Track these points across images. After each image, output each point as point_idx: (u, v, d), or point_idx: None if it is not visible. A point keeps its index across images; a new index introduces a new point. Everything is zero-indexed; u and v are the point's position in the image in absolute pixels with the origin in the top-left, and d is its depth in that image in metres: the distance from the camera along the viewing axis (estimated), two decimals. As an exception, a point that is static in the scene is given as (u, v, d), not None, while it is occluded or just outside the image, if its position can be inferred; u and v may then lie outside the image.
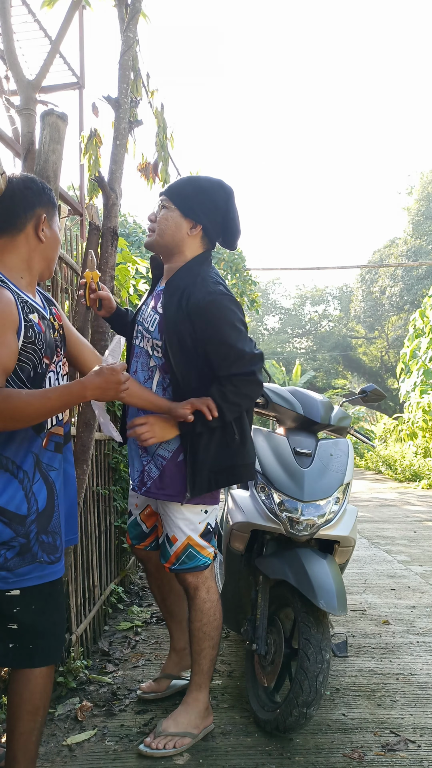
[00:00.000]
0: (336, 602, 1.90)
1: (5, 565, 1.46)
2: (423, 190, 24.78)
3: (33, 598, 1.51)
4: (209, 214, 1.91)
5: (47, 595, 1.54)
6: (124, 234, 10.81)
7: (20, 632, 1.51)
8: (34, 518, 1.50)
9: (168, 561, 1.99)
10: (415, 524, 6.27)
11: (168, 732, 1.93)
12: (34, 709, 1.54)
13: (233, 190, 1.98)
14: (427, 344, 11.94)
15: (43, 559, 1.52)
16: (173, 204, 1.91)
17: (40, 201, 1.59)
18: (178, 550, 1.97)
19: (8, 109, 2.80)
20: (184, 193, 1.91)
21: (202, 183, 1.93)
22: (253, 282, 12.64)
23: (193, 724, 1.98)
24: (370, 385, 2.85)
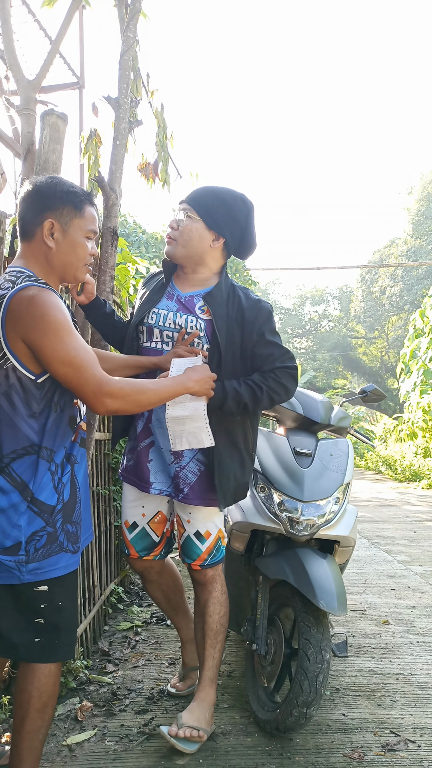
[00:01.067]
0: (336, 602, 1.91)
1: (35, 556, 1.50)
2: (423, 190, 24.78)
3: (58, 591, 1.55)
4: (231, 228, 1.98)
5: (68, 588, 1.59)
6: (124, 234, 10.81)
7: (46, 627, 1.54)
8: (61, 508, 1.56)
9: (198, 558, 2.03)
10: (415, 524, 6.27)
11: (190, 724, 1.95)
12: (42, 707, 1.56)
13: (254, 205, 2.05)
14: (427, 344, 11.94)
15: (69, 549, 1.57)
16: (198, 215, 1.95)
17: (49, 207, 1.58)
18: (211, 545, 2.04)
19: (8, 109, 2.79)
20: (208, 205, 1.95)
21: (226, 197, 1.98)
22: (253, 282, 12.66)
23: (206, 720, 2.01)
24: (370, 385, 2.85)
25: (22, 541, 1.49)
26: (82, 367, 1.48)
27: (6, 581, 1.49)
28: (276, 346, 1.97)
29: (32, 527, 1.50)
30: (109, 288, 2.53)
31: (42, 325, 1.45)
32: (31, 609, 1.52)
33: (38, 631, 1.53)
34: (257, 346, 1.96)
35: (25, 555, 1.49)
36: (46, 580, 1.53)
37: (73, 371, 1.48)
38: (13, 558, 1.48)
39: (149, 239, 11.35)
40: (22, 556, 1.49)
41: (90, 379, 1.49)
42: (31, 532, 1.50)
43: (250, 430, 2.04)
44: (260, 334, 1.96)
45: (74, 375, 1.48)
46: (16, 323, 1.46)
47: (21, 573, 1.49)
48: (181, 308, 2.00)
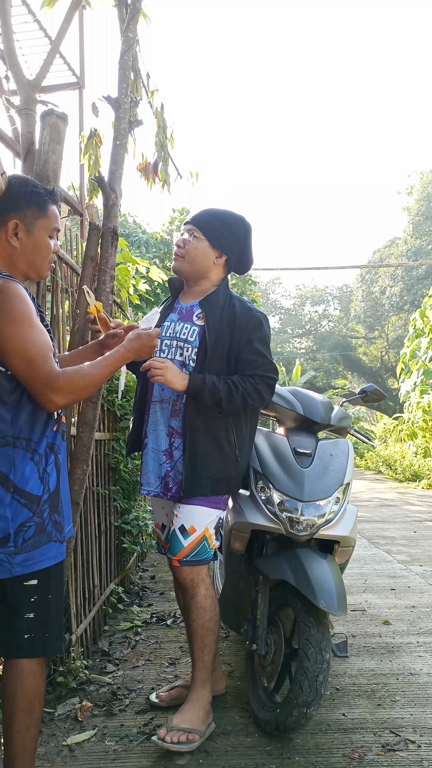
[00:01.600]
0: (336, 602, 1.91)
1: (24, 547, 1.51)
2: (423, 190, 24.78)
3: (47, 583, 1.56)
4: (233, 247, 2.18)
5: (56, 579, 1.60)
6: (124, 234, 10.81)
7: (36, 621, 1.54)
8: (47, 498, 1.57)
9: (179, 553, 2.04)
10: (415, 524, 6.27)
11: (180, 727, 1.96)
12: (29, 707, 1.55)
13: (251, 226, 2.24)
14: (427, 344, 11.94)
15: (56, 538, 1.59)
16: (203, 235, 2.14)
17: (12, 208, 1.59)
18: (195, 542, 2.04)
19: (8, 109, 2.79)
20: (212, 225, 2.15)
21: (228, 219, 2.18)
22: (253, 282, 12.65)
23: (199, 720, 2.01)
24: (370, 385, 2.85)
25: (10, 533, 1.49)
26: (34, 361, 1.48)
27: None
28: (261, 355, 2.09)
29: (20, 518, 1.51)
30: (109, 288, 2.53)
31: (2, 314, 1.46)
32: (21, 604, 1.52)
33: (28, 626, 1.53)
34: (243, 351, 2.08)
35: (14, 546, 1.50)
36: (36, 573, 1.53)
37: (24, 364, 1.48)
38: (2, 550, 1.49)
39: (149, 239, 11.34)
40: (11, 547, 1.49)
41: (41, 374, 1.48)
42: (18, 523, 1.50)
43: (232, 428, 2.10)
44: (248, 340, 2.09)
45: (26, 368, 1.48)
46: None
47: (11, 566, 1.49)
48: (181, 317, 2.17)
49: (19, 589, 1.52)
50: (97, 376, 1.61)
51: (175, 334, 2.14)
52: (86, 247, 2.53)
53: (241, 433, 2.13)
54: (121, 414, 3.53)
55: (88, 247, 2.52)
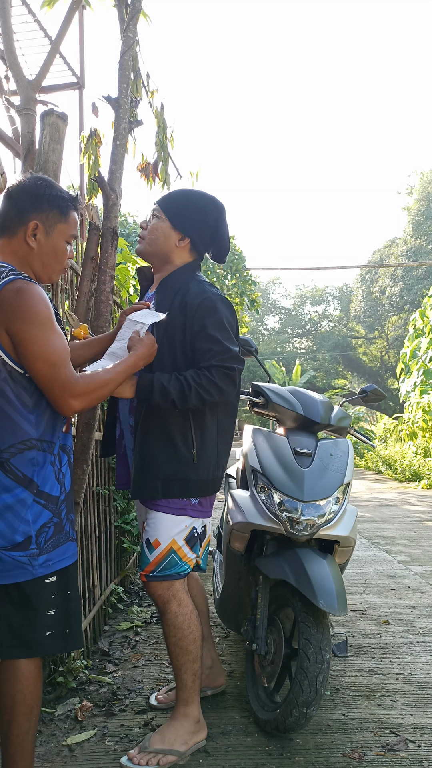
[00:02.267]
0: (336, 602, 1.90)
1: (45, 548, 1.53)
2: (423, 190, 24.78)
3: (66, 580, 1.58)
4: (199, 229, 2.00)
5: (73, 575, 1.63)
6: (124, 234, 10.80)
7: (56, 618, 1.55)
8: (64, 498, 1.60)
9: (146, 568, 1.91)
10: (415, 524, 6.27)
11: (153, 748, 1.86)
12: (28, 710, 1.55)
13: (225, 207, 2.06)
14: (427, 344, 11.93)
15: (72, 537, 1.62)
16: (165, 215, 2.00)
17: (34, 208, 1.59)
18: (160, 556, 1.90)
19: (8, 109, 2.79)
20: (176, 205, 1.99)
21: (195, 198, 2.01)
22: (253, 282, 12.63)
23: (181, 740, 1.89)
24: (370, 385, 2.85)
25: (32, 535, 1.50)
26: (56, 365, 1.49)
27: (20, 578, 1.49)
28: (215, 342, 1.84)
29: (41, 520, 1.52)
30: (109, 288, 2.53)
31: (27, 316, 1.47)
32: (42, 602, 1.54)
33: (49, 623, 1.54)
34: (196, 339, 1.87)
35: (36, 548, 1.51)
36: (56, 572, 1.55)
37: (47, 368, 1.49)
38: (25, 553, 1.50)
39: (149, 239, 11.33)
40: (33, 549, 1.50)
41: (60, 378, 1.50)
42: (40, 525, 1.52)
43: (191, 426, 1.89)
44: (202, 326, 1.86)
45: (47, 372, 1.49)
46: (3, 315, 1.47)
47: (33, 567, 1.50)
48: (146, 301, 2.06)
49: (40, 587, 1.53)
50: (110, 383, 1.64)
51: None
52: (86, 247, 2.53)
53: (204, 432, 1.91)
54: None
55: (88, 247, 2.52)
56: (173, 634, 1.92)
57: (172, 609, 1.92)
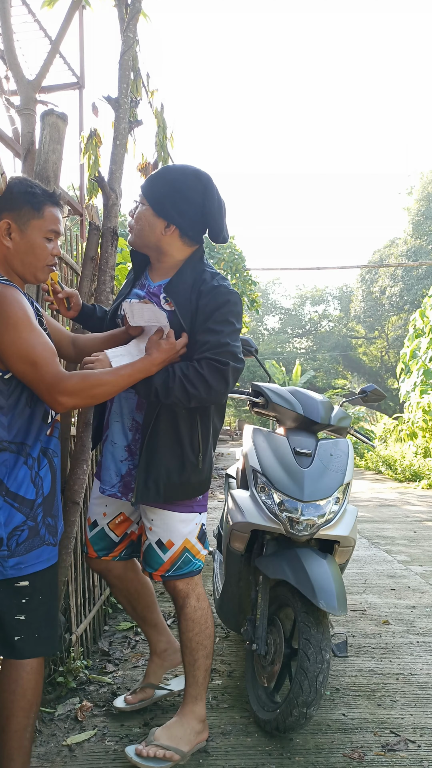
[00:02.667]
0: (336, 602, 1.90)
1: (17, 551, 1.51)
2: (423, 190, 24.78)
3: (39, 585, 1.56)
4: (183, 212, 1.80)
5: (49, 581, 1.60)
6: (124, 234, 10.79)
7: (27, 623, 1.54)
8: (41, 502, 1.57)
9: (160, 568, 1.89)
10: (415, 524, 6.27)
11: (158, 743, 1.84)
12: (28, 706, 1.55)
13: (210, 177, 1.83)
14: (427, 344, 11.93)
15: (50, 542, 1.59)
16: (147, 202, 1.82)
17: (6, 206, 1.59)
18: (174, 555, 1.88)
19: (8, 109, 2.79)
20: (157, 189, 1.80)
21: (176, 178, 1.79)
22: (253, 282, 12.64)
23: (185, 739, 1.88)
24: (370, 385, 2.85)
25: (3, 537, 1.49)
26: (39, 364, 1.48)
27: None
28: (214, 334, 1.73)
29: (13, 522, 1.51)
30: (109, 288, 2.53)
31: (1, 320, 1.46)
32: (12, 605, 1.52)
33: (19, 627, 1.53)
34: (199, 332, 1.76)
35: (7, 550, 1.50)
36: (28, 576, 1.53)
37: (29, 368, 1.48)
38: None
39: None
40: (4, 551, 1.49)
41: (46, 377, 1.48)
42: (12, 527, 1.50)
43: (198, 427, 1.84)
44: (207, 319, 1.76)
45: (31, 372, 1.49)
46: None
47: (4, 568, 1.49)
48: (148, 297, 1.90)
49: (10, 591, 1.52)
50: (111, 383, 1.60)
51: None
52: (86, 247, 2.53)
53: (207, 434, 1.87)
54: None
55: (88, 247, 2.52)
56: (191, 629, 1.91)
57: (191, 603, 1.92)
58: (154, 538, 1.89)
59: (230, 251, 11.97)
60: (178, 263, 1.89)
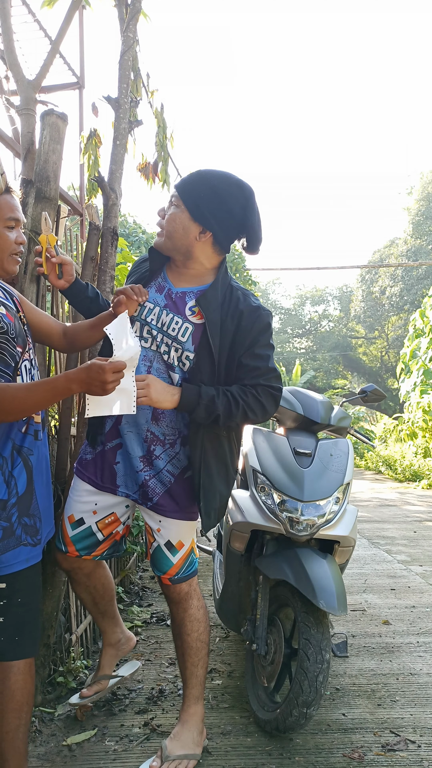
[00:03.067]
0: (336, 602, 1.91)
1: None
2: (423, 190, 24.78)
3: (18, 587, 1.53)
4: (222, 221, 1.75)
5: (30, 582, 1.56)
6: (124, 234, 10.80)
7: (6, 625, 1.51)
8: (15, 501, 1.52)
9: (169, 571, 1.88)
10: (415, 524, 6.27)
11: (176, 755, 1.85)
12: (18, 707, 1.53)
13: (253, 191, 1.79)
14: (427, 344, 11.93)
15: (27, 542, 1.54)
16: (184, 204, 1.76)
17: None
18: (184, 556, 1.89)
19: (8, 109, 2.79)
20: (196, 193, 1.74)
21: (218, 184, 1.74)
22: (253, 282, 12.65)
23: (195, 741, 1.91)
24: (370, 385, 2.85)
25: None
26: None
27: None
28: (263, 360, 1.80)
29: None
30: (109, 288, 2.53)
31: None
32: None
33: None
34: (245, 356, 1.79)
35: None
36: (5, 576, 1.50)
37: None
38: None
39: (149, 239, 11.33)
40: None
41: None
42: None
43: (235, 443, 1.90)
44: (253, 343, 1.79)
45: None
46: None
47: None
48: (170, 305, 1.82)
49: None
50: (23, 400, 1.41)
51: (163, 327, 1.80)
52: (86, 247, 2.53)
53: (238, 450, 1.93)
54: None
55: (88, 247, 2.52)
56: (196, 628, 1.93)
57: (194, 603, 1.94)
58: (163, 540, 1.87)
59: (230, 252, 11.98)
60: (205, 271, 1.85)
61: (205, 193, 1.73)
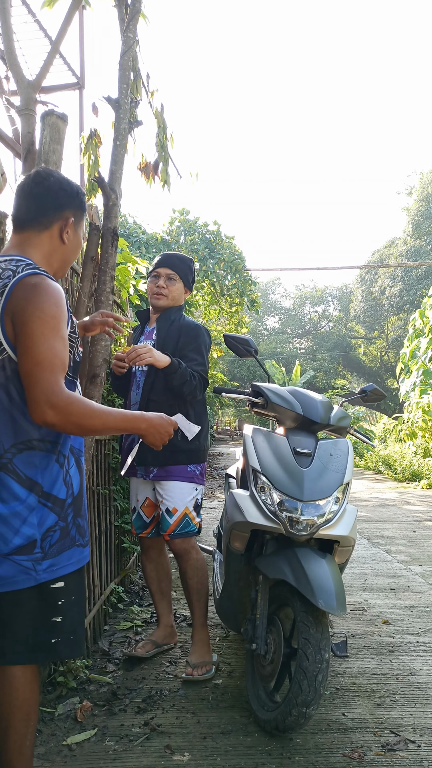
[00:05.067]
0: (335, 602, 1.91)
1: (50, 552, 1.48)
2: (423, 190, 24.78)
3: (72, 586, 1.55)
4: (191, 281, 2.79)
5: (80, 582, 1.59)
6: (124, 234, 10.80)
7: (63, 624, 1.52)
8: (71, 502, 1.54)
9: (168, 529, 2.55)
10: (415, 524, 6.27)
11: (198, 662, 2.52)
12: (25, 716, 1.53)
13: None
14: (427, 344, 11.94)
15: (80, 542, 1.57)
16: (180, 280, 2.71)
17: (71, 204, 1.61)
18: (178, 519, 2.54)
19: (8, 110, 2.80)
20: (184, 271, 2.72)
21: (191, 262, 2.79)
22: (253, 282, 12.64)
23: (208, 653, 2.59)
24: (370, 384, 2.85)
25: (37, 539, 1.45)
26: (42, 366, 1.39)
27: (22, 585, 1.44)
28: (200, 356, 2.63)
29: (47, 523, 1.48)
30: (109, 288, 2.54)
31: (33, 310, 1.40)
32: (49, 607, 1.50)
33: (56, 630, 1.51)
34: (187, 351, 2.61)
35: (41, 552, 1.46)
36: (62, 576, 1.51)
37: (32, 365, 1.39)
38: (29, 557, 1.45)
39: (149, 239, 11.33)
40: (38, 554, 1.46)
41: (42, 381, 1.38)
42: (45, 528, 1.47)
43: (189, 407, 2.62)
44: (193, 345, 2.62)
45: (31, 370, 1.39)
46: (13, 308, 1.41)
47: (37, 572, 1.46)
48: (147, 337, 2.69)
49: (46, 593, 1.49)
50: (103, 420, 1.46)
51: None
52: (86, 247, 2.53)
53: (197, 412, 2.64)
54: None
55: (89, 248, 2.52)
56: (197, 575, 2.60)
57: (192, 556, 2.61)
58: (164, 508, 2.57)
59: (230, 251, 11.97)
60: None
61: (187, 269, 2.74)
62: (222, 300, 12.31)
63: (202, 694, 2.38)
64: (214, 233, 12.11)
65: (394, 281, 24.67)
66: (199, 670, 2.50)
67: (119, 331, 2.15)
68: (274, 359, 26.55)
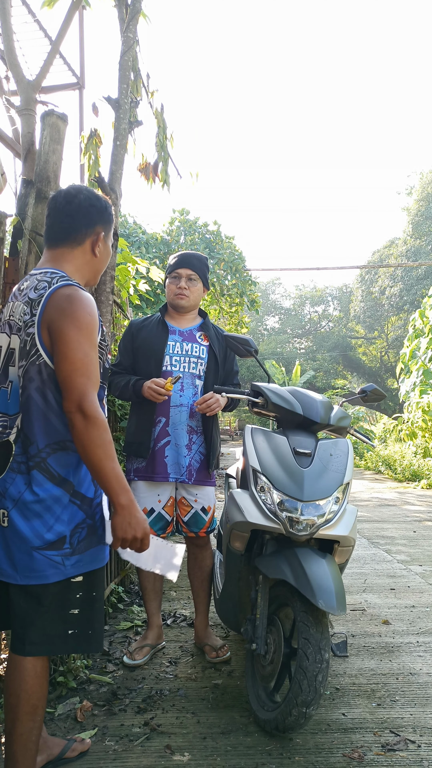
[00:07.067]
0: (335, 602, 1.91)
1: (78, 548, 1.54)
2: (423, 190, 24.77)
3: (92, 581, 1.59)
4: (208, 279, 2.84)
5: (100, 578, 1.63)
6: (125, 234, 10.79)
7: (80, 618, 1.56)
8: (99, 501, 1.60)
9: (204, 526, 2.72)
10: (415, 524, 6.27)
11: (220, 643, 2.75)
12: (32, 710, 1.56)
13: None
14: (427, 344, 11.94)
15: (104, 541, 1.61)
16: (200, 280, 2.77)
17: (100, 219, 1.69)
18: (211, 516, 2.75)
19: (8, 110, 2.80)
20: (203, 270, 2.78)
21: (208, 263, 2.83)
22: (253, 282, 12.63)
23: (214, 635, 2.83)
24: (370, 384, 2.85)
25: (66, 535, 1.52)
26: (79, 371, 1.47)
27: (53, 579, 1.51)
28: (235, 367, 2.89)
29: (75, 520, 1.54)
30: (109, 288, 2.54)
31: (70, 318, 1.49)
32: (67, 600, 1.55)
33: (72, 622, 1.56)
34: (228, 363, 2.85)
35: (69, 548, 1.53)
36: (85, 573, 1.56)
37: (72, 372, 1.47)
38: (59, 552, 1.51)
39: (149, 240, 11.32)
40: (67, 549, 1.52)
41: (79, 386, 1.45)
42: (74, 525, 1.54)
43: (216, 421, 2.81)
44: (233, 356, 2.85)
45: (71, 375, 1.46)
46: (50, 315, 1.50)
47: (65, 567, 1.52)
48: (185, 338, 2.72)
49: (67, 585, 1.54)
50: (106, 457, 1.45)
51: (186, 352, 2.71)
52: None
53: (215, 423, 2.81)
54: (121, 414, 3.52)
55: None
56: (210, 563, 2.84)
57: (209, 546, 2.83)
58: (199, 507, 2.71)
59: (230, 251, 11.96)
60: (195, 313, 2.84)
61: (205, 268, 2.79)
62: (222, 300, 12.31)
63: (202, 694, 2.38)
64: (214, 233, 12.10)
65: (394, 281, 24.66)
66: (223, 651, 2.71)
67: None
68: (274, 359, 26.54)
